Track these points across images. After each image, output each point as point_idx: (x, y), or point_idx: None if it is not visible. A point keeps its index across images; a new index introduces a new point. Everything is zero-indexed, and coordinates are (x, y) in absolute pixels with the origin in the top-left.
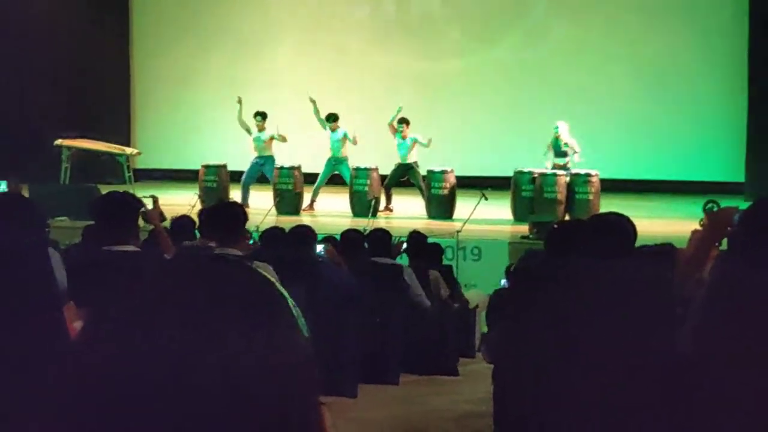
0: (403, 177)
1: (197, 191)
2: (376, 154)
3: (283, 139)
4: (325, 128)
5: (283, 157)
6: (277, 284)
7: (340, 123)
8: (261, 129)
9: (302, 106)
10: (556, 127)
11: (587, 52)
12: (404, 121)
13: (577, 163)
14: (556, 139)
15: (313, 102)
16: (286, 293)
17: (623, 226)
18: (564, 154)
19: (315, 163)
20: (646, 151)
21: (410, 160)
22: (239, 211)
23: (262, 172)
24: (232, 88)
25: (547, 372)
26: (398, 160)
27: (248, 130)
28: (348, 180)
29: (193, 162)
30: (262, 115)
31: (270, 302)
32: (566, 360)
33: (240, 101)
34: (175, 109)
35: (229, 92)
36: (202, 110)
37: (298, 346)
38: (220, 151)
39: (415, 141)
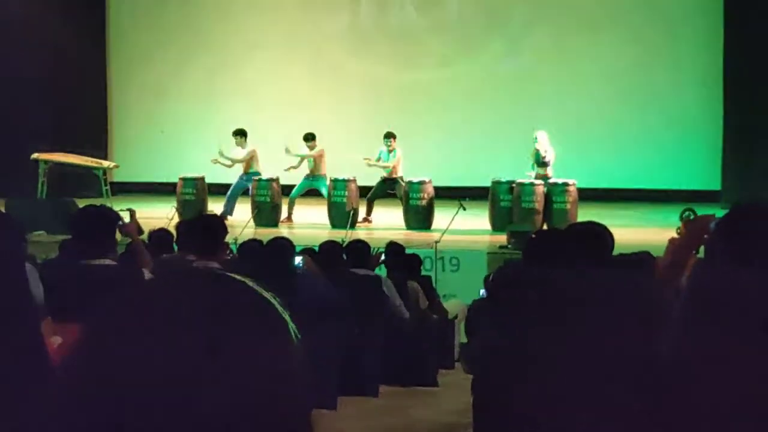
0: (389, 190)
1: (175, 204)
2: (355, 166)
3: (230, 162)
4: (310, 165)
5: (266, 167)
6: (263, 292)
7: (318, 139)
8: (240, 146)
9: (281, 117)
10: (535, 138)
11: (566, 62)
12: (390, 136)
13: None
14: (536, 150)
15: (290, 152)
16: (273, 299)
17: (600, 234)
18: (545, 164)
19: (293, 175)
20: (624, 160)
21: (395, 174)
22: (218, 224)
23: (246, 187)
24: (210, 99)
25: (526, 382)
26: (384, 174)
27: (227, 159)
28: (325, 194)
29: (171, 175)
30: (241, 134)
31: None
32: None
33: (221, 154)
34: (152, 121)
35: (207, 104)
36: (180, 122)
37: (292, 353)
38: (197, 164)
39: (398, 157)
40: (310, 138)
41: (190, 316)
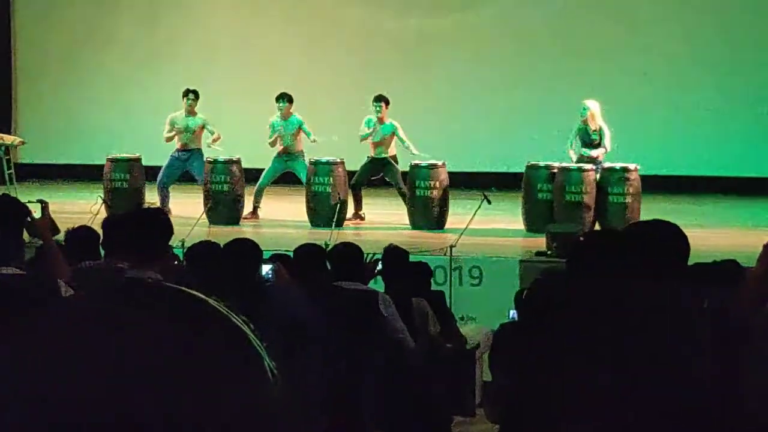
0: (377, 175)
1: (101, 194)
2: (343, 143)
3: (215, 139)
4: (285, 141)
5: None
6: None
7: (296, 106)
8: (191, 112)
9: (246, 77)
10: (585, 107)
11: (625, 13)
12: (382, 99)
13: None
14: (584, 124)
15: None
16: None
17: (671, 237)
18: (594, 144)
19: (259, 156)
20: (698, 140)
21: (387, 153)
22: (160, 220)
23: (187, 170)
24: (145, 55)
25: None
26: (370, 153)
27: (174, 125)
28: (304, 179)
29: (95, 155)
30: (194, 94)
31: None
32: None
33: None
34: (70, 87)
35: (142, 62)
36: (107, 88)
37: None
38: (131, 141)
39: (393, 131)
40: (283, 100)
41: (127, 348)
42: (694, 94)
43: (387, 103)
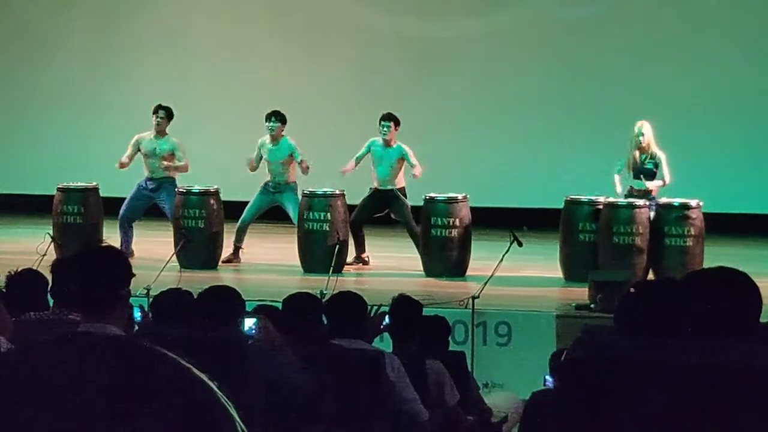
0: (380, 211)
1: (49, 230)
2: (344, 173)
3: (177, 168)
4: (274, 169)
5: (193, 176)
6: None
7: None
8: (160, 132)
9: (227, 91)
10: (639, 130)
11: (687, 18)
12: (391, 119)
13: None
14: (637, 150)
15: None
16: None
17: (741, 288)
18: (649, 174)
19: (242, 186)
20: None
21: (394, 184)
22: (118, 261)
23: (154, 202)
24: (105, 65)
25: None
26: (374, 183)
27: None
28: (294, 216)
29: (43, 184)
30: (165, 111)
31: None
32: None
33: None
34: (11, 101)
35: (101, 73)
36: (58, 102)
37: None
38: (86, 168)
39: (403, 156)
40: (275, 119)
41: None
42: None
43: (397, 123)
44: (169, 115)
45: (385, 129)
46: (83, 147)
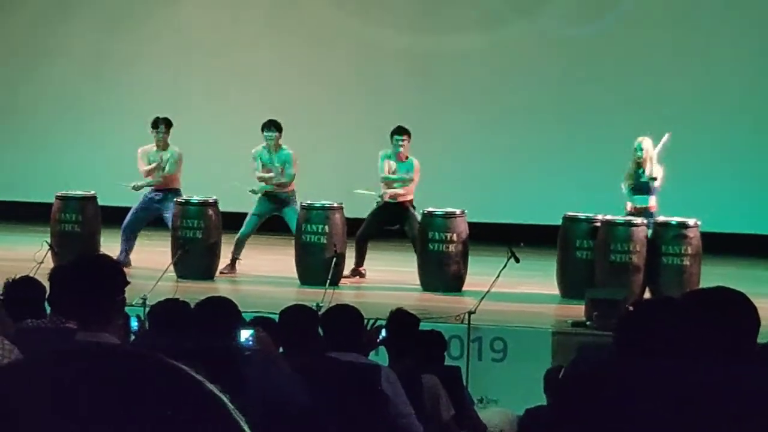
0: (392, 225)
1: (47, 238)
2: (341, 185)
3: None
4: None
5: (192, 187)
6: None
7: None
8: (163, 145)
9: (226, 101)
10: (639, 146)
11: (687, 30)
12: (404, 132)
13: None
14: (637, 167)
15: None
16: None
17: (739, 307)
18: (648, 190)
19: (240, 198)
20: None
21: (405, 196)
22: (112, 269)
23: (159, 213)
24: (103, 73)
25: None
26: (386, 197)
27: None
28: (294, 227)
29: (42, 192)
30: (165, 123)
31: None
32: None
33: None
34: (10, 110)
35: (99, 81)
36: (56, 111)
37: None
38: (84, 176)
39: (412, 169)
40: (271, 128)
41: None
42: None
43: (409, 135)
44: (168, 126)
45: (398, 142)
46: (82, 156)
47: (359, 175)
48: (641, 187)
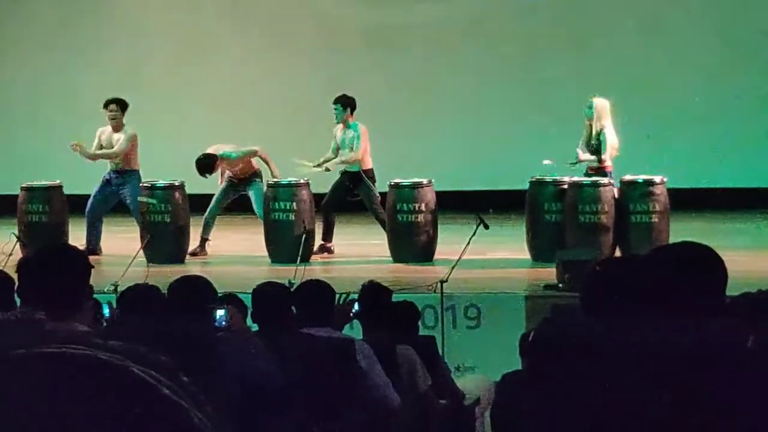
0: (352, 194)
1: (15, 230)
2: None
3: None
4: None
5: (154, 169)
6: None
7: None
8: (116, 127)
9: (187, 82)
10: (590, 106)
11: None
12: (336, 101)
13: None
14: (589, 125)
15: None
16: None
17: (707, 263)
18: (594, 150)
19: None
20: (737, 146)
21: (358, 165)
22: (75, 258)
23: (120, 197)
24: (59, 54)
25: None
26: (343, 166)
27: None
28: (259, 209)
29: (7, 183)
30: (118, 104)
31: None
32: None
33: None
34: None
35: (58, 65)
36: (17, 96)
37: None
38: (50, 165)
39: (356, 135)
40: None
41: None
42: (731, 87)
43: (352, 108)
44: (121, 107)
45: (339, 112)
46: (45, 144)
47: (323, 150)
48: (590, 146)
